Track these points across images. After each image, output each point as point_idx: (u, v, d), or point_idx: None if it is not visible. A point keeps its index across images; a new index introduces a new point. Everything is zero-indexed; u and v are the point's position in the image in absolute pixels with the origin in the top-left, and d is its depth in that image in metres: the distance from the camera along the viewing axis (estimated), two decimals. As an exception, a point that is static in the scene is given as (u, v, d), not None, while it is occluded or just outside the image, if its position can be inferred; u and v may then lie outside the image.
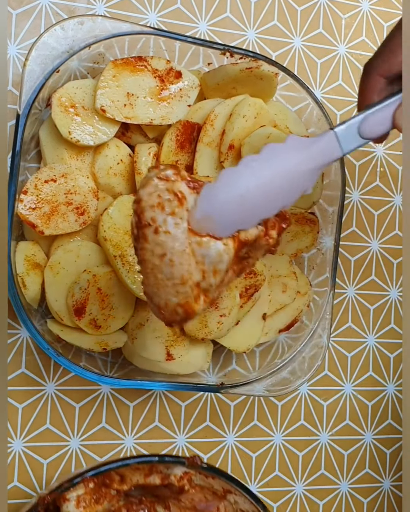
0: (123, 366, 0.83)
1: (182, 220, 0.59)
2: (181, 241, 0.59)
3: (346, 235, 0.97)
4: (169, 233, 0.59)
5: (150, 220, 0.59)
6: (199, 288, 0.61)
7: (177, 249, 0.59)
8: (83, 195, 0.77)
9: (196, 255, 0.60)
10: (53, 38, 0.74)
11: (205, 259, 0.60)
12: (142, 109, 0.78)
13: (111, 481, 0.72)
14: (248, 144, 0.81)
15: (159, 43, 0.81)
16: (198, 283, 0.60)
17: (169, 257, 0.59)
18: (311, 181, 0.63)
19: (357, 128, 0.64)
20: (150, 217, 0.59)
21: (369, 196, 0.99)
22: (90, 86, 0.77)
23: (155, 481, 0.73)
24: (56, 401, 0.83)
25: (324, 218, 0.88)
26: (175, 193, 0.59)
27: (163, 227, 0.59)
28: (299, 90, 0.86)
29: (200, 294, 0.61)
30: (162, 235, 0.59)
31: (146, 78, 0.78)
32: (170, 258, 0.59)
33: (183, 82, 0.80)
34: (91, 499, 0.70)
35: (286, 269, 0.86)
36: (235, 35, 0.92)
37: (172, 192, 0.59)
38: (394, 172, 1.01)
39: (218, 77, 0.82)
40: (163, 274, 0.60)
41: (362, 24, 1.00)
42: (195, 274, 0.60)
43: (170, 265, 0.59)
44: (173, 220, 0.59)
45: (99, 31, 0.76)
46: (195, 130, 0.82)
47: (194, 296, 0.60)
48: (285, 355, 0.87)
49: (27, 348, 0.81)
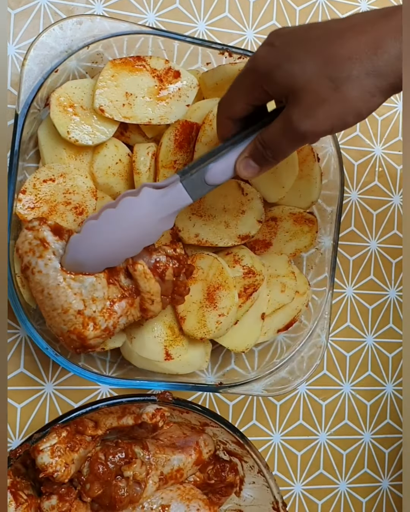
0: (122, 366, 0.83)
1: (50, 261, 0.71)
2: (53, 277, 0.71)
3: (345, 235, 0.97)
4: (41, 272, 0.71)
5: (27, 263, 0.72)
6: (84, 316, 0.71)
7: (51, 284, 0.71)
8: (81, 194, 0.77)
9: (72, 287, 0.71)
10: (52, 38, 0.74)
11: (82, 290, 0.71)
12: (141, 109, 0.78)
13: (84, 427, 0.72)
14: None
15: (158, 42, 0.81)
16: (81, 311, 0.71)
17: (47, 291, 0.71)
18: (168, 225, 0.71)
19: (203, 178, 0.69)
20: (27, 261, 0.72)
21: (367, 195, 0.99)
22: (88, 86, 0.77)
23: (128, 422, 0.73)
24: (55, 400, 0.83)
25: (323, 218, 0.88)
26: (40, 239, 0.71)
27: (36, 268, 0.71)
28: (298, 90, 0.85)
29: (88, 321, 0.71)
30: (37, 274, 0.71)
31: (145, 78, 0.78)
32: (48, 292, 0.71)
33: (182, 81, 0.80)
34: (66, 448, 0.70)
35: (285, 269, 0.86)
36: (233, 34, 0.92)
37: (38, 239, 0.71)
38: (393, 172, 1.01)
39: (216, 77, 0.82)
40: (48, 306, 0.72)
41: (361, 23, 1.00)
42: (76, 304, 0.71)
43: (50, 298, 0.71)
44: (43, 261, 0.71)
45: (97, 30, 0.76)
46: (194, 129, 0.82)
47: (81, 323, 0.71)
48: (284, 354, 0.87)
49: (25, 348, 0.81)
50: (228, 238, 0.82)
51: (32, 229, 0.72)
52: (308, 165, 0.86)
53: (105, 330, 0.72)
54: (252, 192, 0.82)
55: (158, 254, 0.73)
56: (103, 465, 0.72)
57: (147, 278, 0.72)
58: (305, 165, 0.86)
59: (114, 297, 0.72)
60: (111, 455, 0.73)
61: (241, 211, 0.82)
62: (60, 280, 0.71)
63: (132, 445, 0.75)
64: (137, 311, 0.74)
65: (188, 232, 0.81)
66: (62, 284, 0.71)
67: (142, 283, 0.73)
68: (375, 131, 1.00)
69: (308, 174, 0.86)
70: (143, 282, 0.73)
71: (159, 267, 0.73)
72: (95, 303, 0.71)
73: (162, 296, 0.74)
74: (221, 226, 0.82)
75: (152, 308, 0.74)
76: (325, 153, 0.87)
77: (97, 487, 0.72)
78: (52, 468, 0.68)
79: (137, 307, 0.74)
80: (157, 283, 0.73)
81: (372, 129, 1.00)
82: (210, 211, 0.81)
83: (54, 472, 0.68)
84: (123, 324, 0.74)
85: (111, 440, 0.75)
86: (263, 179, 0.82)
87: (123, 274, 0.73)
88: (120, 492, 0.73)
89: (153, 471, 0.75)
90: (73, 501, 0.71)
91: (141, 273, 0.72)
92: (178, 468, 0.77)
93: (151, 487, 0.75)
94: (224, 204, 0.81)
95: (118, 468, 0.73)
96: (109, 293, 0.72)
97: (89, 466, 0.72)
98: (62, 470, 0.69)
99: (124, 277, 0.73)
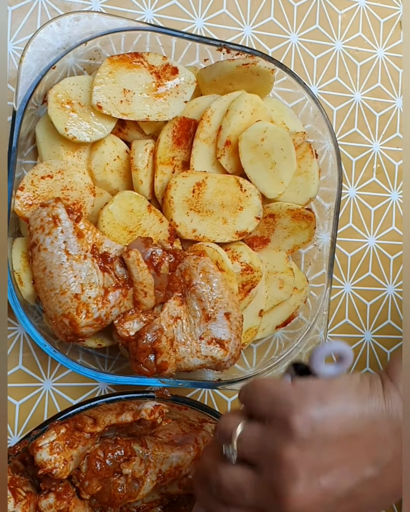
0: (121, 362, 0.83)
1: (56, 239, 0.71)
2: (57, 256, 0.71)
3: (343, 231, 0.97)
4: (46, 250, 0.71)
5: (36, 240, 0.72)
6: (79, 301, 0.71)
7: (55, 263, 0.71)
8: (79, 191, 0.77)
9: (74, 269, 0.71)
10: (49, 35, 0.74)
11: (81, 273, 0.72)
12: (139, 106, 0.78)
13: (83, 424, 0.72)
14: (245, 139, 0.81)
15: (156, 39, 0.81)
16: (78, 295, 0.71)
17: (49, 270, 0.71)
18: None
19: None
20: (36, 238, 0.72)
21: (365, 192, 0.99)
22: (86, 83, 0.77)
23: (127, 419, 0.73)
24: (53, 397, 0.83)
25: (321, 214, 0.88)
26: (53, 216, 0.71)
27: (43, 245, 0.72)
28: (296, 86, 0.86)
29: (82, 308, 0.71)
30: (42, 252, 0.72)
31: (142, 75, 0.78)
32: (49, 270, 0.71)
33: (179, 78, 0.80)
34: (64, 444, 0.70)
35: (283, 265, 0.86)
36: (231, 31, 0.92)
37: (51, 216, 0.71)
38: (391, 168, 1.01)
39: (214, 73, 0.81)
40: (47, 286, 0.72)
41: (359, 20, 1.00)
42: (74, 286, 0.71)
43: (50, 277, 0.71)
44: (50, 239, 0.71)
45: (95, 27, 0.76)
46: (192, 126, 0.82)
47: (76, 308, 0.71)
48: (282, 351, 0.87)
49: (24, 345, 0.81)
50: (225, 234, 0.82)
51: (47, 205, 0.72)
52: (306, 162, 0.86)
53: (97, 319, 0.72)
54: (250, 188, 0.82)
55: (155, 247, 0.74)
56: (102, 462, 0.72)
57: (140, 267, 0.73)
58: (303, 162, 0.86)
59: (108, 285, 0.73)
60: (110, 453, 0.73)
61: (239, 207, 0.82)
62: (63, 260, 0.71)
63: (131, 442, 0.75)
64: (130, 303, 0.74)
65: (185, 227, 0.81)
66: (65, 264, 0.71)
67: (135, 272, 0.73)
68: (373, 127, 1.00)
69: (306, 170, 0.86)
70: (136, 271, 0.73)
71: (155, 260, 0.74)
72: (91, 289, 0.72)
73: (156, 290, 0.74)
74: (218, 222, 0.82)
75: (145, 301, 0.74)
76: (323, 150, 0.87)
77: (96, 484, 0.72)
78: (51, 465, 0.68)
79: (131, 299, 0.74)
80: (151, 275, 0.73)
81: (370, 126, 1.00)
82: (208, 206, 0.81)
83: (53, 468, 0.68)
84: (116, 315, 0.74)
85: (110, 437, 0.75)
86: (261, 175, 0.83)
87: (118, 262, 0.74)
88: (119, 489, 0.73)
89: (151, 469, 0.75)
90: (71, 499, 0.71)
91: (134, 260, 0.72)
92: (177, 465, 0.77)
93: (149, 486, 0.75)
94: (222, 200, 0.81)
95: (117, 465, 0.73)
96: (104, 281, 0.73)
97: (88, 463, 0.72)
98: (61, 467, 0.69)
99: (119, 266, 0.74)
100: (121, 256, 0.73)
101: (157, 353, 0.74)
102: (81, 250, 0.72)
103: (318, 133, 0.87)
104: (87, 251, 0.73)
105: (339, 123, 0.98)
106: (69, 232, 0.72)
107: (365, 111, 1.00)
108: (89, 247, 0.73)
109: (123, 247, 0.74)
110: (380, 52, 1.01)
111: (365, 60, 1.00)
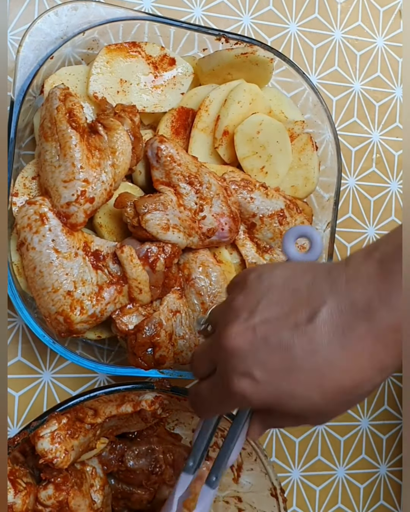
0: (120, 353, 0.82)
1: (44, 238, 0.70)
2: (46, 255, 0.70)
3: (342, 222, 0.97)
4: (35, 249, 0.70)
5: (23, 239, 0.71)
6: (73, 298, 0.71)
7: (44, 262, 0.70)
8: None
9: (65, 267, 0.71)
10: (47, 24, 0.74)
11: (73, 270, 0.71)
12: (135, 96, 0.78)
13: (84, 415, 0.72)
14: (241, 132, 0.80)
15: (154, 29, 0.80)
16: (71, 292, 0.71)
17: (39, 269, 0.71)
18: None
19: (225, 469, 0.66)
20: (23, 237, 0.71)
21: (365, 182, 0.99)
22: (83, 73, 0.77)
23: (127, 410, 0.73)
24: (52, 389, 0.83)
25: (320, 205, 0.88)
26: (40, 214, 0.70)
27: (31, 244, 0.70)
28: (295, 76, 0.85)
29: (76, 305, 0.71)
30: (31, 251, 0.71)
31: (139, 65, 0.78)
32: (40, 270, 0.70)
33: (177, 69, 0.80)
34: (66, 434, 0.70)
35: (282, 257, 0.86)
36: (230, 20, 0.92)
37: (38, 214, 0.70)
38: (390, 158, 1.00)
39: (213, 63, 0.81)
40: (38, 285, 0.71)
41: (358, 9, 0.99)
42: (66, 284, 0.70)
43: (41, 276, 0.71)
44: (38, 237, 0.70)
45: (93, 17, 0.75)
46: (190, 116, 0.81)
47: (70, 305, 0.71)
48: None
49: (23, 336, 0.81)
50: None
51: (34, 203, 0.71)
52: (307, 155, 0.86)
53: (92, 316, 0.72)
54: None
55: (151, 244, 0.73)
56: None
57: (134, 263, 0.72)
58: (303, 154, 0.86)
59: (102, 282, 0.72)
60: None
61: (237, 198, 0.82)
62: (53, 258, 0.70)
63: None
64: (125, 299, 0.74)
65: (185, 219, 0.80)
66: (55, 262, 0.70)
67: (129, 268, 0.72)
68: (373, 117, 1.00)
69: (307, 163, 0.86)
70: (129, 268, 0.72)
71: (150, 256, 0.73)
72: (84, 285, 0.71)
73: (152, 287, 0.74)
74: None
75: (140, 298, 0.74)
76: (323, 140, 0.87)
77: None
78: (52, 454, 0.68)
79: (126, 295, 0.74)
80: (145, 272, 0.73)
81: (370, 115, 0.99)
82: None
83: (54, 458, 0.68)
84: (111, 311, 0.74)
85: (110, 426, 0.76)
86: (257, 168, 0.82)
87: (111, 260, 0.73)
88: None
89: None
90: (70, 490, 0.72)
91: (128, 256, 0.72)
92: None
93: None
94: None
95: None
96: (98, 279, 0.72)
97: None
98: (62, 457, 0.69)
99: (112, 263, 0.73)
100: (115, 252, 0.73)
101: (156, 347, 0.74)
102: (72, 247, 0.72)
103: (317, 123, 0.87)
104: (78, 248, 0.72)
105: (338, 113, 0.98)
106: (58, 230, 0.71)
107: (365, 100, 0.99)
108: (81, 244, 0.73)
109: (117, 244, 0.73)
110: (380, 41, 1.01)
111: (364, 50, 1.00)
